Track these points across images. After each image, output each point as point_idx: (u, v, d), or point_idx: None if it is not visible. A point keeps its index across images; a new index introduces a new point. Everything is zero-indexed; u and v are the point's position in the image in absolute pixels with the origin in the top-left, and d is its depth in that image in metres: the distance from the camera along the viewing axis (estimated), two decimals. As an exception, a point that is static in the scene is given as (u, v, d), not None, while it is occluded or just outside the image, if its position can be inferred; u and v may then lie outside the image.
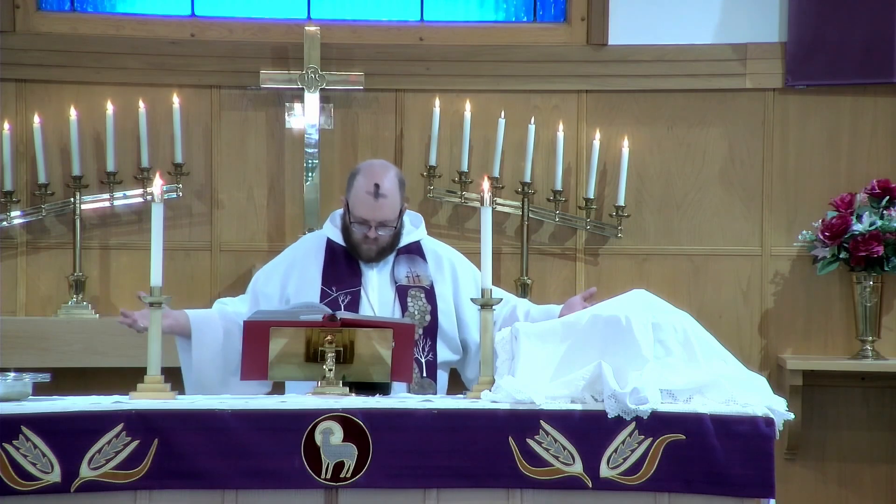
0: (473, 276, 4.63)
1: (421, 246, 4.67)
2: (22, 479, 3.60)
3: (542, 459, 3.68)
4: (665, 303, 3.90)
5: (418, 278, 4.61)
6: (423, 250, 4.66)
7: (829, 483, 5.98)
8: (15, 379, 3.80)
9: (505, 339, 3.88)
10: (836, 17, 5.87)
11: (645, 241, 5.99)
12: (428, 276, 4.61)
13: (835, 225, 5.75)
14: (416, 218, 4.73)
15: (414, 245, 4.66)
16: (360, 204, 4.52)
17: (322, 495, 3.68)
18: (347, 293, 4.55)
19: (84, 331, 5.65)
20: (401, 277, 4.60)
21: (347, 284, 4.56)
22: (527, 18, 6.11)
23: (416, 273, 4.62)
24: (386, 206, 4.51)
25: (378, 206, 4.50)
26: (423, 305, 4.57)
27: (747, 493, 3.72)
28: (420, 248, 4.66)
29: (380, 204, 4.50)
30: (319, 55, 5.80)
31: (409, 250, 4.64)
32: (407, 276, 4.61)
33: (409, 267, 4.62)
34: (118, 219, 5.88)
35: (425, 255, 4.65)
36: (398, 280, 4.59)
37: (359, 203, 4.52)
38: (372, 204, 4.50)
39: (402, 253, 4.63)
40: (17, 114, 5.82)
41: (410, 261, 4.63)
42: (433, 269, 4.64)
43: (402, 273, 4.60)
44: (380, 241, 4.54)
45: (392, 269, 4.61)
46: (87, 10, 6.00)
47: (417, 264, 4.63)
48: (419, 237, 4.68)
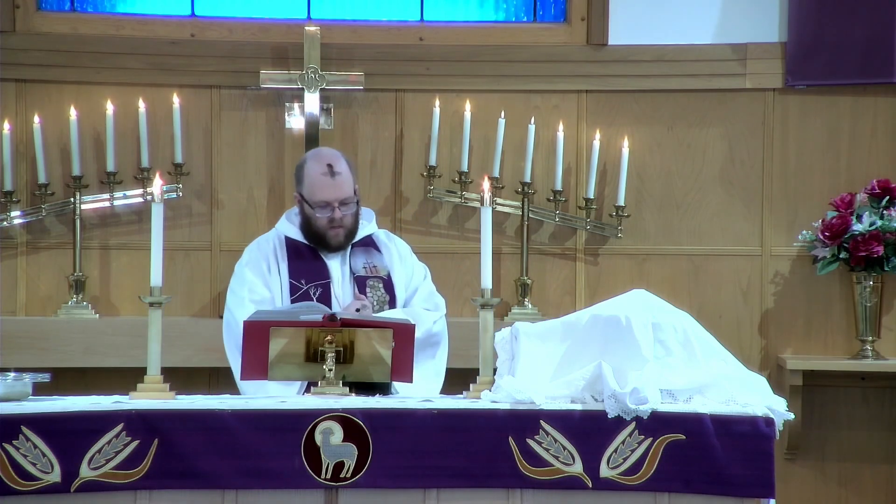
0: (413, 259, 4.82)
1: (374, 238, 4.76)
2: (22, 479, 3.61)
3: (542, 459, 3.68)
4: (665, 303, 3.90)
5: (375, 268, 4.70)
6: (376, 242, 4.75)
7: (829, 483, 5.98)
8: (15, 379, 3.80)
9: (505, 339, 3.89)
10: (836, 17, 5.87)
11: (645, 241, 5.99)
12: (385, 265, 4.71)
13: (835, 225, 5.75)
14: (367, 213, 4.88)
15: (367, 238, 4.76)
16: (318, 188, 4.60)
17: (322, 495, 3.68)
18: (317, 286, 4.62)
19: (84, 331, 5.65)
20: (358, 268, 4.68)
21: (316, 277, 4.62)
22: (527, 18, 6.11)
23: (372, 264, 4.70)
24: (343, 183, 4.63)
25: (336, 185, 4.61)
26: (382, 295, 4.65)
27: (747, 492, 3.72)
28: (373, 240, 4.76)
29: (337, 182, 4.61)
30: (319, 55, 5.80)
31: (364, 243, 4.74)
32: (364, 266, 4.69)
33: (365, 258, 4.71)
34: (118, 219, 5.88)
35: (379, 246, 4.74)
36: (356, 271, 4.67)
37: (316, 188, 4.60)
38: (330, 183, 4.60)
39: (357, 245, 4.70)
40: (17, 114, 5.81)
41: (366, 252, 4.73)
42: (390, 259, 4.72)
43: (360, 264, 4.70)
44: (345, 222, 4.64)
45: (349, 260, 4.67)
46: (87, 10, 6.00)
47: (373, 255, 4.73)
48: (372, 230, 4.78)
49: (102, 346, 5.63)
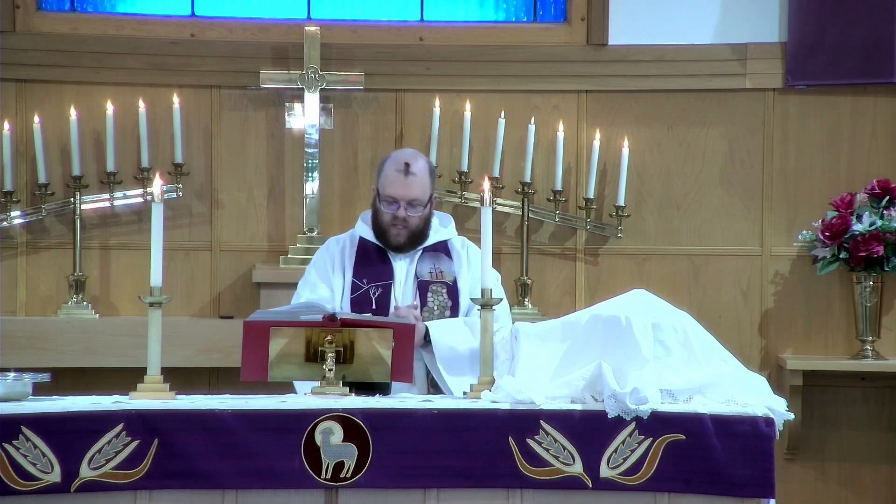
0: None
1: (448, 245, 4.69)
2: (22, 479, 3.60)
3: (542, 459, 3.68)
4: (665, 303, 3.90)
5: (441, 274, 4.63)
6: (449, 249, 4.68)
7: (829, 483, 5.98)
8: (15, 379, 3.79)
9: (505, 339, 3.89)
10: (836, 17, 5.87)
11: (645, 241, 5.99)
12: (452, 272, 4.63)
13: (835, 225, 5.75)
14: (445, 218, 4.76)
15: (441, 244, 4.67)
16: (389, 183, 4.54)
17: (322, 495, 3.68)
18: (378, 286, 4.58)
19: (84, 331, 5.65)
20: (423, 273, 4.62)
21: (378, 277, 4.59)
22: (527, 18, 6.11)
23: (439, 269, 4.64)
24: (416, 184, 4.53)
25: (408, 184, 4.53)
26: (444, 301, 4.60)
27: (747, 493, 3.72)
28: (447, 246, 4.68)
29: (409, 182, 4.53)
30: (319, 55, 5.81)
31: (435, 248, 4.66)
32: (430, 271, 4.63)
33: (433, 263, 4.65)
34: (118, 219, 5.88)
35: (451, 253, 4.67)
36: (420, 276, 4.61)
37: (388, 183, 4.55)
38: (402, 181, 4.53)
39: (428, 250, 4.65)
40: (17, 114, 5.82)
41: (435, 258, 4.66)
42: (458, 266, 4.66)
43: (426, 269, 4.63)
44: (409, 224, 4.55)
45: (416, 264, 4.63)
46: (87, 10, 6.01)
47: (442, 261, 4.65)
48: (448, 236, 4.71)
49: (102, 346, 5.63)
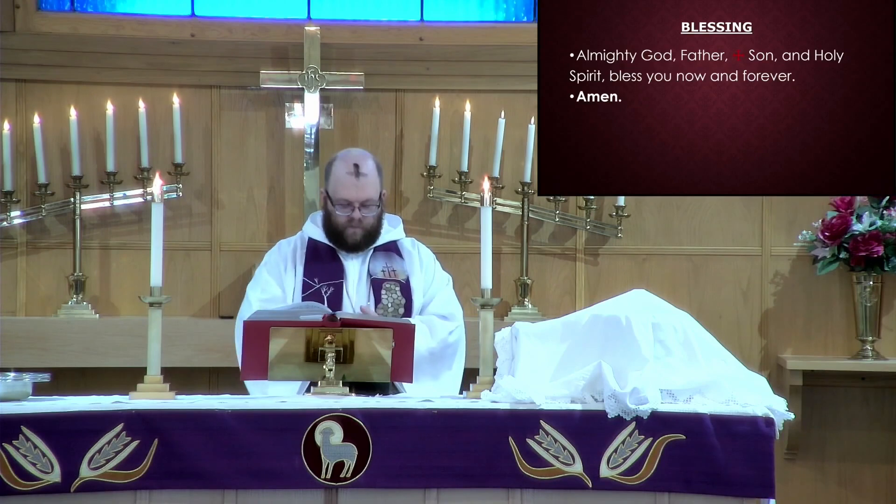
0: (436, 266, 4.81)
1: (399, 245, 4.75)
2: (22, 479, 3.61)
3: (542, 459, 3.68)
4: (665, 303, 3.90)
5: (394, 272, 4.70)
6: (400, 249, 4.75)
7: (829, 483, 5.98)
8: (15, 379, 3.80)
9: (505, 339, 3.89)
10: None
11: (645, 241, 5.99)
12: (404, 270, 4.71)
13: (835, 225, 5.75)
14: (394, 219, 4.87)
15: (391, 244, 4.74)
16: (341, 186, 4.61)
17: (322, 495, 3.68)
18: (330, 285, 4.63)
19: (84, 331, 5.65)
20: (376, 271, 4.69)
21: (330, 276, 4.64)
22: (527, 18, 6.10)
23: (391, 268, 4.70)
24: (367, 184, 4.63)
25: (360, 186, 4.62)
26: (398, 298, 4.65)
27: (747, 493, 3.72)
28: (397, 246, 4.76)
29: (361, 183, 4.61)
30: (319, 55, 5.80)
31: (386, 248, 4.73)
32: (383, 270, 4.70)
33: (385, 262, 4.72)
34: (118, 219, 5.88)
35: (402, 253, 4.74)
36: (373, 274, 4.67)
37: (340, 186, 4.61)
38: (354, 183, 4.61)
39: (379, 250, 4.69)
40: (17, 114, 5.81)
41: (388, 257, 4.73)
42: (410, 265, 4.72)
43: (378, 267, 4.70)
44: (364, 224, 4.63)
45: (368, 263, 4.67)
46: (87, 10, 6.00)
47: (394, 260, 4.73)
48: (397, 237, 4.78)
49: (102, 346, 5.63)
